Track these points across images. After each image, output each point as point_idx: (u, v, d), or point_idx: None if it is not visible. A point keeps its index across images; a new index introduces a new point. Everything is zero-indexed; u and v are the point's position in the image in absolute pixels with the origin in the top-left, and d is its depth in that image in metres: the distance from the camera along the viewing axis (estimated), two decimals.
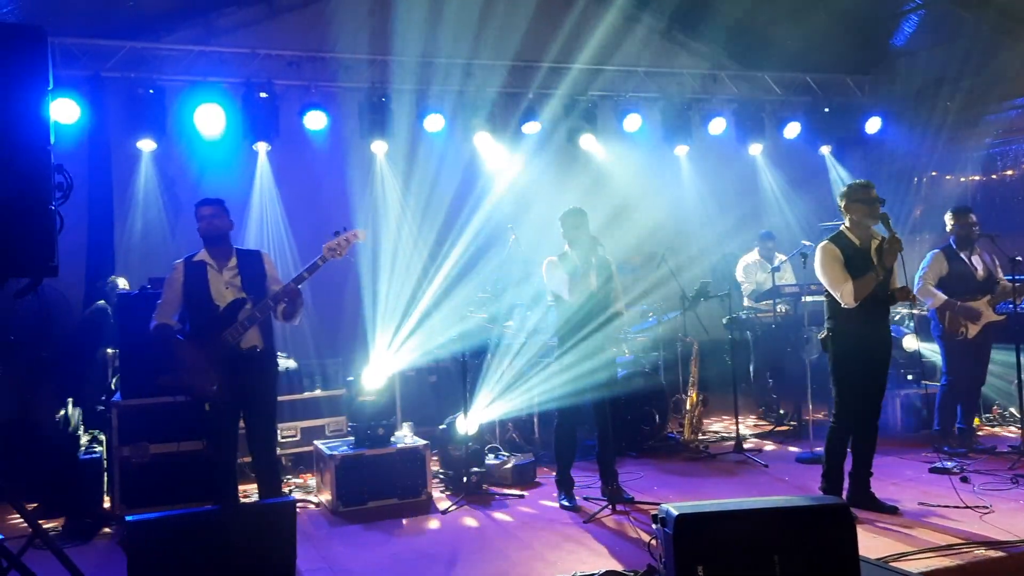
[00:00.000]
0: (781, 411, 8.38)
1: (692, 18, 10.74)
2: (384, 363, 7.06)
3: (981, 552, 4.62)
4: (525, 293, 8.60)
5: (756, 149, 10.10)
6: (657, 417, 7.66)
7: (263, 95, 8.07)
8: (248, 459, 5.36)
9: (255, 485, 5.50)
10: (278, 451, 5.64)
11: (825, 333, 5.52)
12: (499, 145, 9.15)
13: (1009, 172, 9.95)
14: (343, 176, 8.86)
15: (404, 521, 5.77)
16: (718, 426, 8.48)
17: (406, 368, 7.87)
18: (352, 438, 6.37)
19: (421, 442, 6.29)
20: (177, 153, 8.38)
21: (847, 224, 5.50)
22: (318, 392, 7.27)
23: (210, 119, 7.91)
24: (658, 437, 7.62)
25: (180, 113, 8.07)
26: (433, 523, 5.73)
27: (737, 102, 9.94)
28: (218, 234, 5.23)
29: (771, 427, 8.30)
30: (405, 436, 6.47)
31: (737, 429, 7.45)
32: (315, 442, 6.61)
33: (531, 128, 8.94)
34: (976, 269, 7.00)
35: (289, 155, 8.61)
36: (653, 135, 9.65)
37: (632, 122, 9.35)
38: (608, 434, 6.00)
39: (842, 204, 5.53)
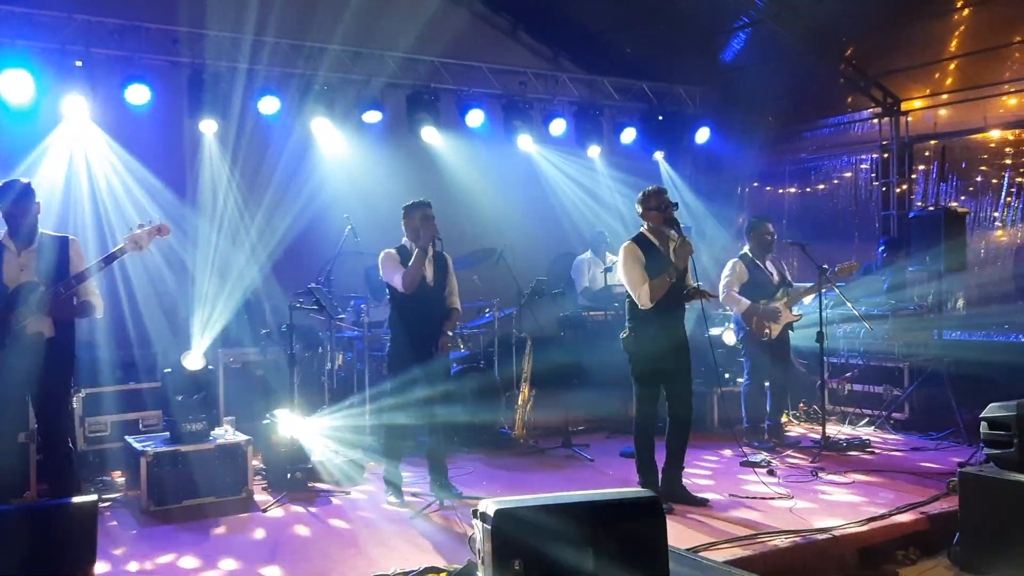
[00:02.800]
0: (609, 407, 8.62)
1: (537, 20, 10.90)
2: (206, 355, 6.70)
3: (782, 540, 4.91)
4: (362, 285, 8.45)
5: (594, 151, 10.36)
6: (489, 412, 7.71)
7: (79, 63, 7.48)
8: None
9: None
10: (80, 447, 5.27)
11: (626, 333, 5.72)
12: (338, 132, 8.91)
13: (821, 186, 10.71)
14: (167, 155, 8.37)
15: (221, 520, 5.52)
16: (549, 421, 8.62)
17: (231, 361, 7.53)
18: (167, 433, 6.02)
19: (243, 438, 6.04)
20: None
21: (647, 226, 5.74)
22: (132, 385, 6.82)
23: (17, 86, 7.24)
24: (490, 432, 7.66)
25: None
26: (252, 522, 5.51)
27: (577, 104, 10.16)
28: (20, 218, 4.96)
29: (599, 422, 8.53)
30: (226, 432, 6.18)
31: (566, 424, 7.60)
32: (125, 437, 6.21)
33: (372, 117, 8.76)
34: (772, 274, 7.49)
35: (109, 130, 8.02)
36: (495, 131, 9.70)
37: (474, 117, 9.35)
38: (438, 429, 5.97)
39: (639, 210, 5.77)
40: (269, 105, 8.18)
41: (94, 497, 4.26)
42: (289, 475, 6.08)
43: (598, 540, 3.22)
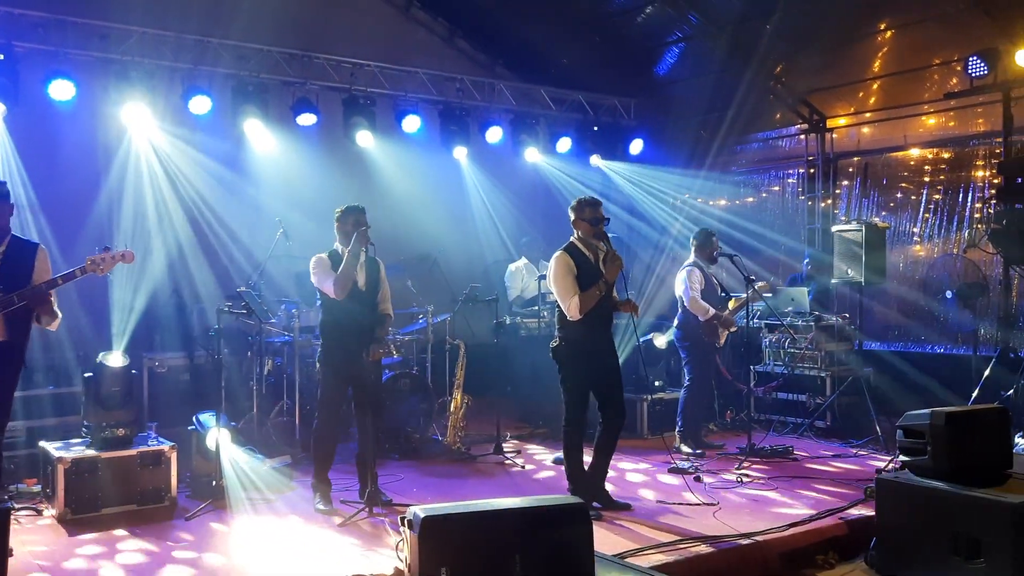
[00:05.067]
0: (542, 414, 8.66)
1: (475, 27, 10.94)
2: (130, 359, 6.52)
3: (707, 546, 5.01)
4: (293, 290, 8.34)
5: (531, 158, 10.42)
6: (422, 419, 7.68)
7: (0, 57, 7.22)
8: None
9: None
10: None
11: (557, 342, 5.78)
12: (271, 135, 8.79)
13: (750, 199, 10.98)
14: (87, 152, 8.14)
15: (142, 529, 5.37)
16: (482, 429, 8.63)
17: (156, 365, 7.34)
18: (87, 439, 5.84)
19: (166, 444, 5.89)
20: None
21: (577, 236, 5.79)
22: (50, 389, 6.60)
23: None
24: (422, 439, 7.63)
25: None
26: (175, 530, 5.38)
27: (514, 113, 10.21)
28: None
29: (531, 430, 8.57)
30: (149, 438, 6.02)
31: (498, 431, 7.62)
32: (41, 443, 6.00)
33: (306, 120, 8.65)
34: (718, 284, 7.66)
35: (32, 126, 7.76)
36: (431, 138, 9.68)
37: (411, 123, 9.32)
38: (368, 435, 5.92)
39: (571, 217, 5.82)
40: (200, 104, 8.02)
41: (8, 505, 4.12)
42: (214, 482, 5.95)
43: (525, 547, 3.24)
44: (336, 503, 5.84)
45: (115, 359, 6.00)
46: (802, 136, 10.34)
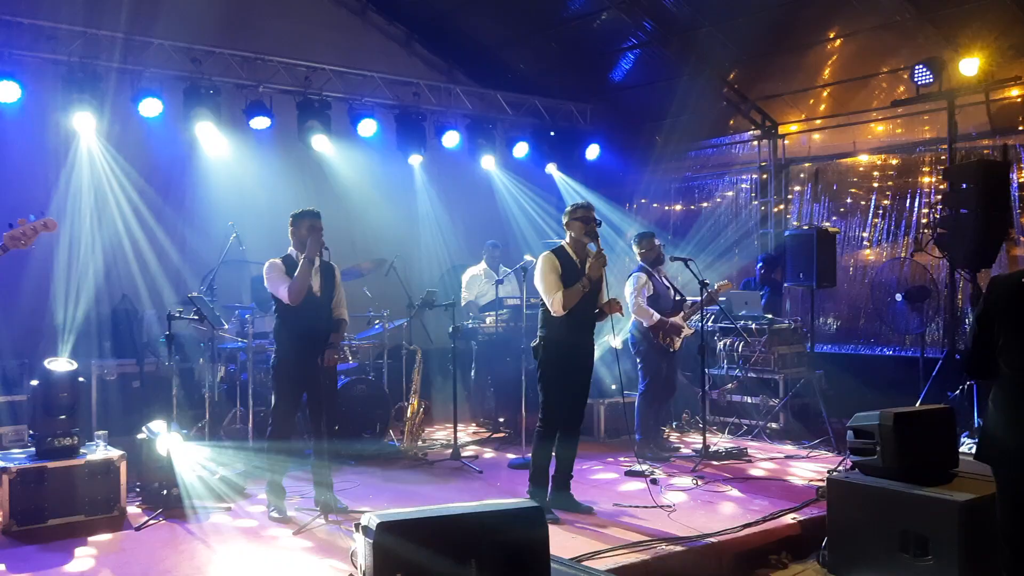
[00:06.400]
0: (499, 419, 8.68)
1: (432, 32, 10.92)
2: (77, 365, 6.37)
3: (663, 547, 5.04)
4: (247, 295, 8.24)
5: (488, 164, 10.43)
6: (378, 425, 7.63)
7: None
8: None
9: None
10: None
11: (537, 341, 5.80)
12: (224, 138, 8.68)
13: (704, 204, 11.11)
14: (35, 156, 7.96)
15: (90, 540, 5.25)
16: (439, 434, 8.61)
17: (105, 372, 7.19)
18: (33, 449, 5.69)
19: (115, 453, 5.76)
20: None
21: (567, 240, 5.85)
22: None
23: None
24: (378, 445, 7.58)
25: None
26: (125, 541, 5.26)
27: (471, 118, 10.21)
28: None
29: (489, 434, 8.56)
30: (98, 446, 5.89)
31: (455, 436, 7.60)
32: None
33: (260, 123, 8.56)
34: (668, 288, 7.71)
35: None
36: (387, 142, 9.64)
37: (367, 127, 9.27)
38: (324, 442, 5.85)
39: (565, 221, 5.89)
40: (151, 107, 7.88)
41: None
42: (166, 491, 5.84)
43: (481, 552, 3.22)
44: (291, 511, 5.77)
45: (61, 365, 5.86)
46: (755, 142, 10.50)
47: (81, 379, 6.05)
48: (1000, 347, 3.68)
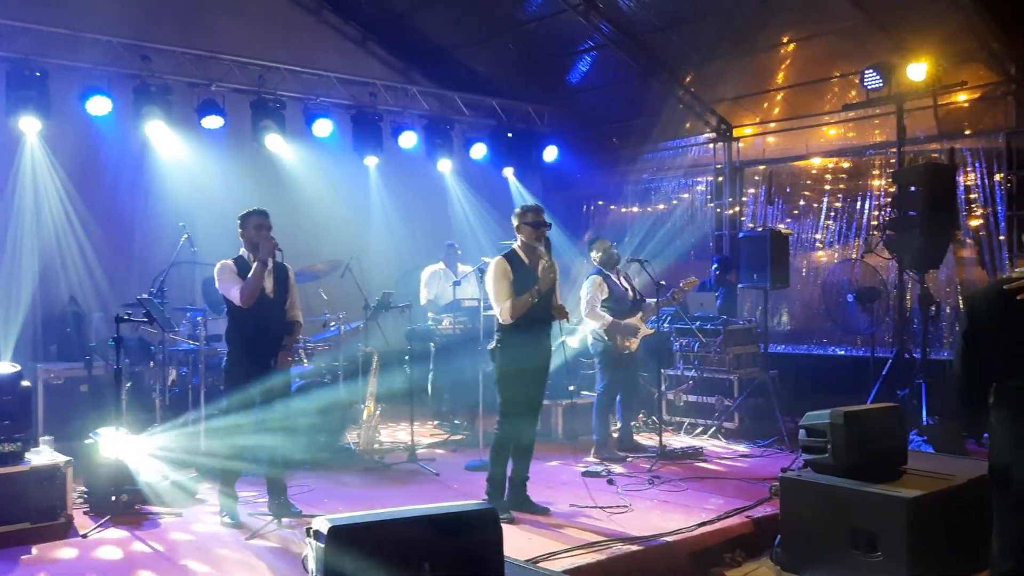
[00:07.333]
0: (456, 421, 8.64)
1: (388, 32, 10.86)
2: (21, 369, 6.20)
3: (619, 547, 5.06)
4: (199, 297, 8.10)
5: (445, 165, 10.39)
6: (333, 428, 7.54)
7: None
8: None
9: None
10: None
11: (494, 344, 5.78)
12: (176, 137, 8.53)
13: (661, 206, 11.19)
14: None
15: (34, 548, 5.11)
16: (396, 436, 8.54)
17: (51, 376, 7.01)
18: None
19: (61, 459, 5.61)
20: None
21: (518, 243, 5.82)
22: None
23: None
24: (334, 448, 7.49)
25: None
26: (70, 549, 5.13)
27: (428, 118, 10.17)
28: None
29: (446, 436, 8.52)
30: (42, 452, 5.74)
31: (412, 439, 7.54)
32: None
33: (212, 123, 8.43)
34: (627, 290, 7.75)
35: None
36: (343, 142, 9.56)
37: (322, 127, 9.18)
38: (277, 446, 5.77)
39: (515, 224, 5.84)
40: (99, 105, 7.72)
41: None
42: (114, 497, 5.71)
43: (434, 555, 3.19)
44: (243, 516, 5.67)
45: (3, 368, 5.70)
46: (710, 145, 10.60)
47: (25, 383, 5.88)
48: (999, 359, 3.52)
